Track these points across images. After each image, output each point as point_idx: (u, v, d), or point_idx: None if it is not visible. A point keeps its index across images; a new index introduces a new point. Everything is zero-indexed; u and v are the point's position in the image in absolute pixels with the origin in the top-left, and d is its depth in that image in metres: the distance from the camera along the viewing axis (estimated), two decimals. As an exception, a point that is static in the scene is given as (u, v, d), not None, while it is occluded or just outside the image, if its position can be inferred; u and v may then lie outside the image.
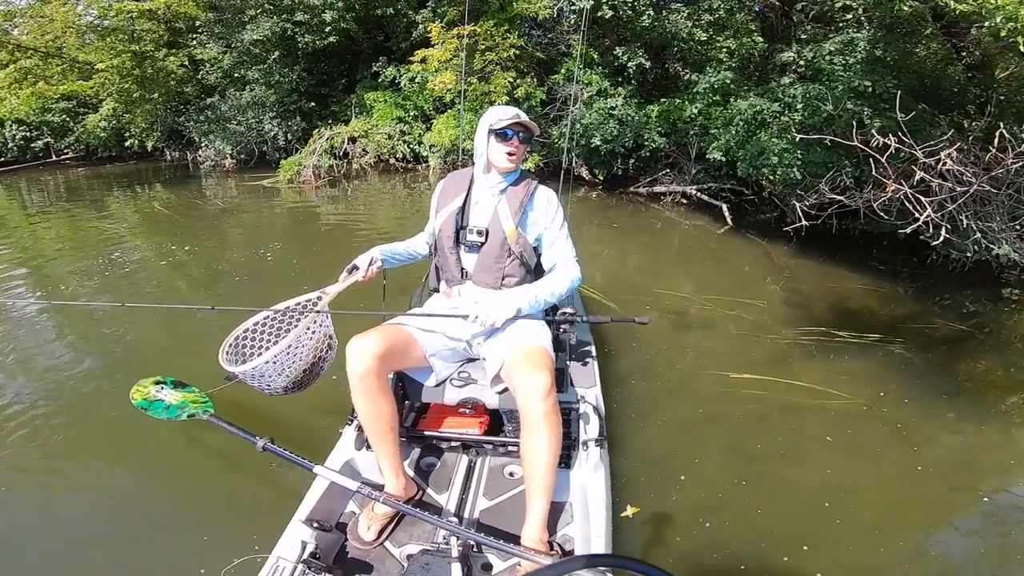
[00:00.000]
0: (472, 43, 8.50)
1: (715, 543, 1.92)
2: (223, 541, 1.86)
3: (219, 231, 6.88)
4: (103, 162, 15.02)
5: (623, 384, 2.91)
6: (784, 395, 2.86)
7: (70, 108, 14.75)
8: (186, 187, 10.50)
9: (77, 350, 3.43)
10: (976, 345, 3.60)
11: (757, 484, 2.23)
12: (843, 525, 2.03)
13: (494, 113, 1.77)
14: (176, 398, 1.76)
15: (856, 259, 5.22)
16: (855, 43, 5.14)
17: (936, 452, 2.51)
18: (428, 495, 1.74)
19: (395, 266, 2.03)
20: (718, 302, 4.03)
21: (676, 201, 7.65)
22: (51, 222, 7.64)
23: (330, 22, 9.70)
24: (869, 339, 3.48)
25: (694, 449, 2.45)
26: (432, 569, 1.46)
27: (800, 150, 5.46)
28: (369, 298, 2.22)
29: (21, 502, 2.14)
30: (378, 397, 1.62)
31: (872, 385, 2.98)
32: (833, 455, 2.44)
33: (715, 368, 3.12)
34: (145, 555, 1.87)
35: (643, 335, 3.47)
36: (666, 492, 2.15)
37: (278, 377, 1.63)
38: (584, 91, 7.82)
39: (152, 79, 12.53)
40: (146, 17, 12.35)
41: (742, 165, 6.07)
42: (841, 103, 5.09)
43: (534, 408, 1.47)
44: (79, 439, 2.50)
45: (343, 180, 9.95)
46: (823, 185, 5.08)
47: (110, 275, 4.94)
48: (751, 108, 6.10)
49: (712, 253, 5.69)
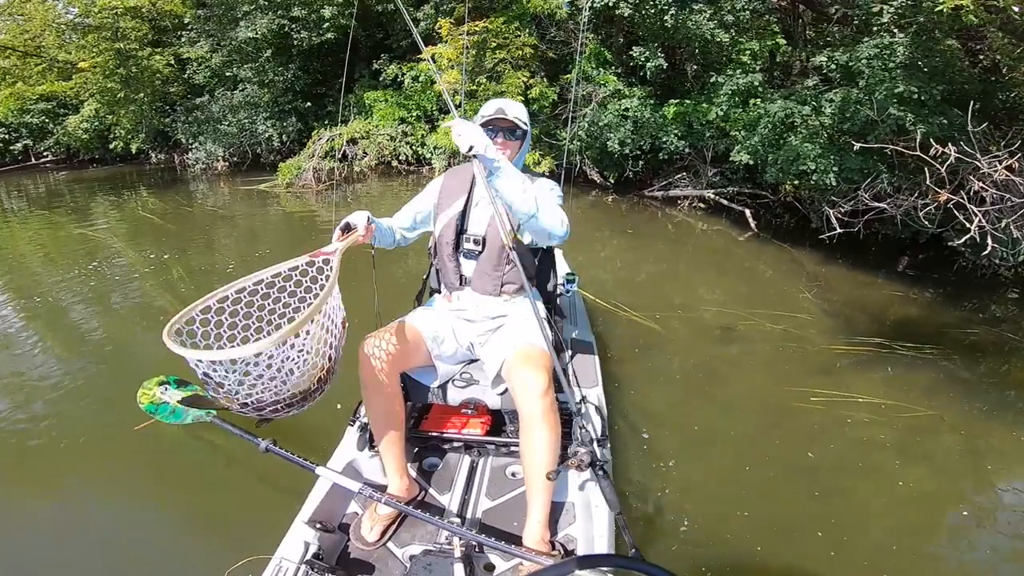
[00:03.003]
0: (481, 40, 8.76)
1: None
2: (226, 542, 2.03)
3: (213, 239, 7.08)
4: (85, 165, 15.54)
5: (655, 399, 3.09)
6: (841, 408, 3.00)
7: (49, 109, 15.22)
8: (174, 191, 10.81)
9: (69, 355, 3.67)
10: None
11: (828, 498, 2.37)
12: (921, 538, 2.18)
13: (481, 112, 1.85)
14: (179, 397, 1.91)
15: (884, 265, 5.42)
16: (893, 47, 5.31)
17: (1008, 464, 2.66)
18: (431, 496, 1.89)
19: (380, 243, 1.93)
20: (757, 313, 4.17)
21: (693, 206, 7.85)
22: (30, 228, 7.92)
23: (329, 18, 10.05)
24: (924, 350, 3.63)
25: (739, 459, 2.60)
26: (435, 569, 1.60)
27: (834, 155, 5.65)
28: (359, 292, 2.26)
29: (25, 505, 2.34)
30: (391, 398, 1.77)
31: (932, 396, 3.13)
32: (905, 469, 2.58)
33: (767, 382, 3.30)
34: (148, 556, 2.04)
35: (675, 344, 3.69)
36: (722, 513, 2.28)
37: (271, 382, 1.28)
38: (599, 91, 8.05)
39: (137, 78, 12.92)
40: (131, 15, 12.81)
41: (772, 170, 6.24)
42: (885, 109, 5.28)
43: (532, 407, 1.62)
44: (80, 443, 2.71)
45: (344, 184, 10.20)
46: (862, 192, 5.28)
47: (96, 284, 5.15)
48: (783, 110, 6.28)
49: (739, 260, 5.86)
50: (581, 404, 1.99)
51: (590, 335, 2.61)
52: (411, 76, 10.04)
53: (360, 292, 2.04)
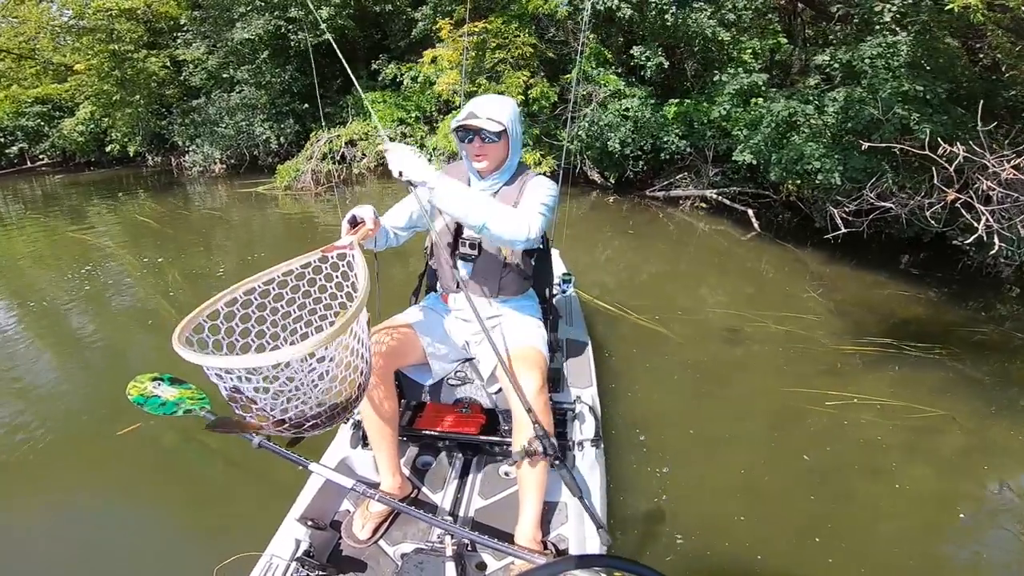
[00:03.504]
0: (481, 41, 8.81)
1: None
2: (217, 538, 2.06)
3: (211, 241, 7.15)
4: (81, 168, 15.61)
5: (659, 398, 3.13)
6: (849, 410, 3.03)
7: (45, 112, 15.31)
8: (171, 194, 10.89)
9: (60, 358, 3.71)
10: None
11: (833, 501, 2.41)
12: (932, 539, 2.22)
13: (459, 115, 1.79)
14: (173, 394, 1.91)
15: (887, 264, 5.46)
16: (897, 46, 5.35)
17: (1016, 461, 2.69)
18: (423, 494, 1.91)
19: (375, 242, 1.89)
20: (763, 315, 4.21)
21: (695, 206, 7.91)
22: (27, 233, 7.99)
23: (326, 19, 10.11)
24: (933, 350, 3.67)
25: (740, 462, 2.62)
26: (426, 568, 1.61)
27: (838, 155, 5.69)
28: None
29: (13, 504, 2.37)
30: (384, 396, 1.79)
31: (941, 396, 3.17)
32: (916, 468, 2.62)
33: (773, 384, 3.35)
34: (137, 553, 2.07)
35: (677, 345, 3.72)
36: (721, 516, 2.30)
37: (313, 390, 1.17)
38: (599, 91, 8.09)
39: (133, 81, 12.99)
40: (125, 16, 12.87)
41: (776, 169, 6.28)
42: (891, 108, 5.31)
43: (524, 407, 1.63)
44: (69, 443, 2.75)
45: (342, 186, 10.28)
46: (867, 191, 5.32)
47: (90, 289, 5.19)
48: (786, 109, 6.32)
49: (742, 261, 5.91)
50: (575, 404, 2.00)
51: (586, 336, 2.63)
52: (410, 77, 10.08)
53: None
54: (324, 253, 1.49)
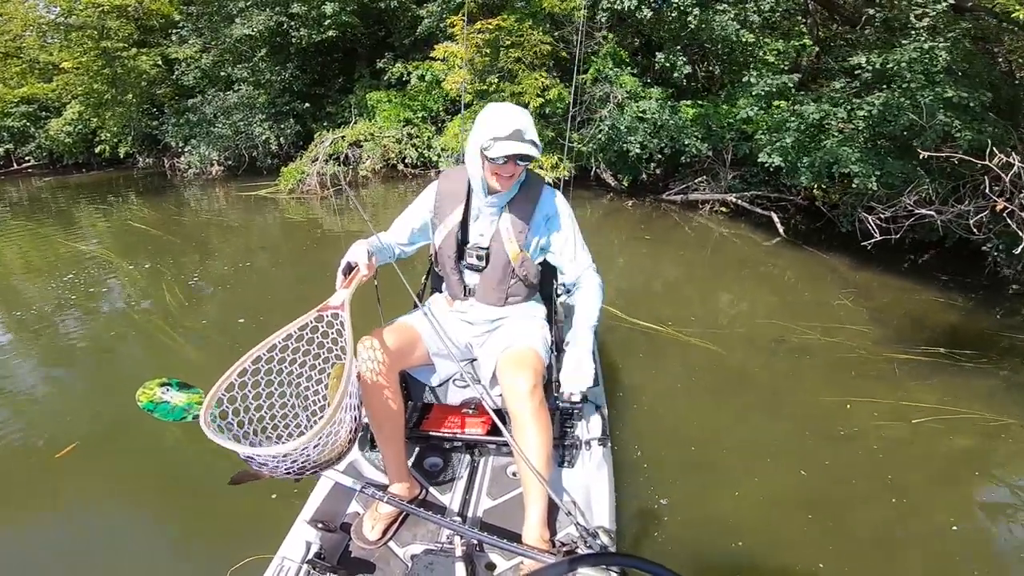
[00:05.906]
0: (494, 38, 8.98)
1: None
2: (228, 542, 2.22)
3: (213, 249, 7.21)
4: (70, 170, 15.97)
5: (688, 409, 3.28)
6: (908, 418, 3.17)
7: (30, 112, 15.69)
8: (164, 197, 11.07)
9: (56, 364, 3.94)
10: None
11: (906, 512, 2.53)
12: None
13: (488, 126, 1.76)
14: (182, 399, 2.04)
15: (919, 271, 5.62)
16: (934, 51, 5.50)
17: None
18: (432, 495, 2.05)
19: (380, 261, 2.02)
20: (798, 325, 4.32)
21: (715, 210, 8.04)
22: (11, 239, 8.08)
23: (331, 15, 10.36)
24: (982, 358, 3.80)
25: (754, 472, 2.75)
26: (436, 569, 1.73)
27: (874, 159, 5.84)
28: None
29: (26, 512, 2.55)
30: (390, 397, 1.91)
31: (1003, 403, 3.31)
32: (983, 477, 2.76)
33: (819, 393, 3.46)
34: (150, 556, 2.24)
35: (715, 357, 3.87)
36: (728, 526, 2.42)
37: (314, 450, 1.41)
38: (616, 92, 8.28)
39: (124, 79, 13.26)
40: (116, 13, 13.21)
41: (807, 173, 6.42)
42: (933, 114, 5.46)
43: (519, 408, 1.76)
44: (77, 449, 2.92)
45: (347, 188, 10.28)
46: (906, 197, 5.50)
47: (76, 297, 5.32)
48: (818, 112, 6.46)
49: (767, 267, 6.03)
50: (582, 404, 2.13)
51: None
52: (417, 75, 10.28)
53: (361, 291, 2.12)
54: (319, 313, 1.67)
